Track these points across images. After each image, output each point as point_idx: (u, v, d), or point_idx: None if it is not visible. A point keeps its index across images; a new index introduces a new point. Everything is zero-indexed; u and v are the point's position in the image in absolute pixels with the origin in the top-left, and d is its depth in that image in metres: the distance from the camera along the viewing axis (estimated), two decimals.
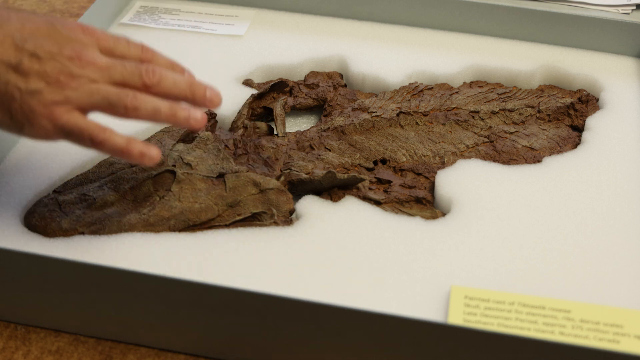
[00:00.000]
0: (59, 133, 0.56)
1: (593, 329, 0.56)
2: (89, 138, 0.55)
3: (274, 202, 0.66)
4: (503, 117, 0.77)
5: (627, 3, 0.91)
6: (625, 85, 0.82)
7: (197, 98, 0.60)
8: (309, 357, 0.57)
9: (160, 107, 0.57)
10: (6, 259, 0.58)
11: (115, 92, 0.56)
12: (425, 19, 0.89)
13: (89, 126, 0.55)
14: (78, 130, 0.55)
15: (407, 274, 0.62)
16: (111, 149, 0.57)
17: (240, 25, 0.90)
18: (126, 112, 0.56)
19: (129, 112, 0.57)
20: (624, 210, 0.68)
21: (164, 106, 0.57)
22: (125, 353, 0.59)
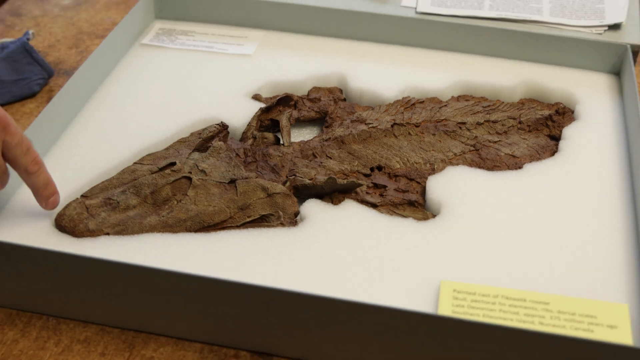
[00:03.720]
0: None
1: (569, 319, 0.56)
2: None
3: (280, 205, 0.67)
4: (487, 127, 0.78)
5: (600, 24, 0.91)
6: (598, 99, 0.82)
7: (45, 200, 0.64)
8: (311, 345, 0.57)
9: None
10: (39, 258, 0.58)
11: None
12: (417, 39, 0.90)
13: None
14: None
15: (401, 270, 0.62)
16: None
17: (249, 45, 0.90)
18: None
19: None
20: (598, 211, 0.68)
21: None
22: (146, 342, 0.60)
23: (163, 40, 0.90)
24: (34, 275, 0.59)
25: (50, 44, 0.96)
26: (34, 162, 0.61)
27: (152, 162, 0.70)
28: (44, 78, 0.88)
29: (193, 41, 0.90)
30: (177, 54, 0.88)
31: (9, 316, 0.61)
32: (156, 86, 0.82)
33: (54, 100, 0.73)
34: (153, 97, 0.80)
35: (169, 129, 0.76)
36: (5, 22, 1.00)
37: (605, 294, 0.60)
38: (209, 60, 0.87)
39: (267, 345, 0.58)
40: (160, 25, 0.93)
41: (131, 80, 0.83)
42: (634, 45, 0.88)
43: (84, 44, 0.96)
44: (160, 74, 0.85)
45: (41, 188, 0.62)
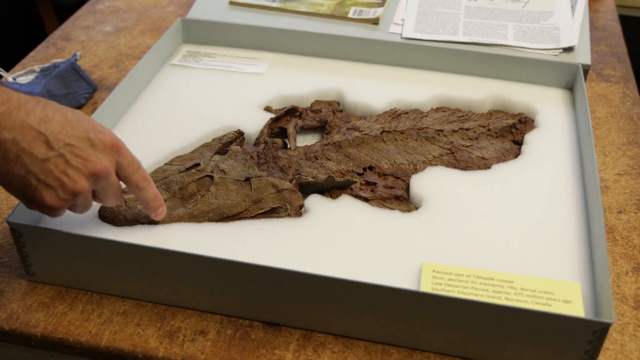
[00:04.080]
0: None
1: (531, 295, 0.56)
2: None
3: (287, 199, 0.66)
4: (461, 134, 0.77)
5: (556, 47, 0.91)
6: (555, 110, 0.82)
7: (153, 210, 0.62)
8: (313, 317, 0.57)
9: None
10: (85, 243, 0.58)
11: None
12: (402, 60, 0.89)
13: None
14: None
15: (389, 253, 0.62)
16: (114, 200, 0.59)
17: (261, 65, 0.90)
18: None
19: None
20: (554, 204, 0.68)
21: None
22: (175, 314, 0.59)
23: (189, 61, 0.90)
24: (82, 258, 0.59)
25: (94, 63, 0.96)
26: (143, 179, 0.58)
27: (180, 163, 0.70)
28: (89, 92, 0.88)
29: (214, 62, 0.90)
30: (201, 73, 0.88)
31: (59, 292, 0.61)
32: (183, 100, 0.82)
33: (98, 111, 0.73)
34: (181, 109, 0.80)
35: (194, 135, 0.76)
36: (57, 46, 1.00)
37: (561, 274, 0.60)
38: (227, 77, 0.87)
39: (276, 317, 0.58)
40: (187, 49, 0.93)
41: (162, 95, 0.83)
42: (584, 64, 0.88)
43: (123, 64, 0.96)
44: (187, 89, 0.85)
45: (150, 201, 0.60)
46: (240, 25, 0.92)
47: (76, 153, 0.53)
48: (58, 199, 0.53)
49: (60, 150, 0.52)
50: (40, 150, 0.51)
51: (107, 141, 0.55)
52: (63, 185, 0.53)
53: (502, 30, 0.95)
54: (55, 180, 0.52)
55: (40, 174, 0.52)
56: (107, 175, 0.54)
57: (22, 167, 0.51)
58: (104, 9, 1.10)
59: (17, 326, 0.58)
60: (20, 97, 0.51)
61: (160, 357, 0.56)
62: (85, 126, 0.54)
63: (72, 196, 0.53)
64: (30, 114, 0.51)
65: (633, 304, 0.61)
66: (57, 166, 0.52)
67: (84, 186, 0.53)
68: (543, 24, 0.96)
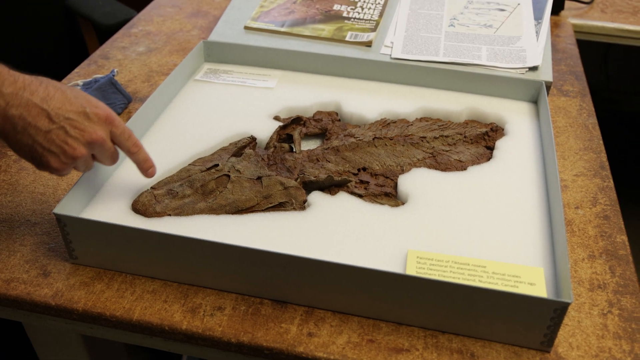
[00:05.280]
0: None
1: (501, 278, 0.56)
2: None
3: (293, 195, 0.66)
4: (441, 140, 0.77)
5: (523, 67, 0.90)
6: (522, 120, 0.81)
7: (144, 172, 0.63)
8: (315, 296, 0.57)
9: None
10: (120, 232, 0.58)
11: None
12: (392, 77, 0.89)
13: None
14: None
15: (379, 241, 0.61)
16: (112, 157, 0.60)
17: (271, 81, 0.89)
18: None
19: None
20: (520, 200, 0.67)
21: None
22: (196, 292, 0.59)
23: (210, 77, 0.90)
24: (117, 244, 0.59)
25: (129, 79, 0.95)
26: (134, 145, 0.60)
27: (201, 164, 0.70)
28: (125, 103, 0.88)
29: (231, 78, 0.90)
30: (220, 87, 0.87)
31: (97, 274, 0.61)
32: (205, 110, 0.82)
33: (132, 119, 0.72)
34: (202, 118, 0.80)
35: (214, 140, 0.75)
36: (97, 63, 0.99)
37: (526, 261, 0.59)
38: (242, 91, 0.87)
39: (283, 295, 0.58)
40: (208, 66, 0.92)
41: (187, 106, 0.83)
42: (547, 81, 0.87)
43: (153, 79, 0.95)
44: (207, 101, 0.84)
45: (141, 162, 0.62)
46: (254, 46, 0.91)
47: (74, 125, 0.55)
48: (61, 162, 0.55)
49: (61, 123, 0.54)
50: (44, 123, 0.53)
51: (101, 114, 0.56)
52: (64, 152, 0.55)
53: (476, 52, 0.94)
54: (57, 147, 0.54)
55: (44, 143, 0.54)
56: (102, 142, 0.56)
57: (29, 138, 0.53)
58: (137, 32, 1.10)
59: (61, 302, 0.58)
60: (25, 79, 0.53)
61: (184, 329, 0.56)
62: (82, 102, 0.56)
63: (73, 160, 0.56)
64: (34, 93, 0.53)
65: (588, 287, 0.60)
66: (58, 136, 0.54)
67: (82, 152, 0.56)
68: (512, 46, 0.95)
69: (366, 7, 1.06)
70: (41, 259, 0.62)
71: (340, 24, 1.02)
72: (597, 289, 0.60)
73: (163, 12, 1.17)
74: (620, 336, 0.55)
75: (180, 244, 0.57)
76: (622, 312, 0.58)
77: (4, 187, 0.72)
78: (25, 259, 0.62)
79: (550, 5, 1.05)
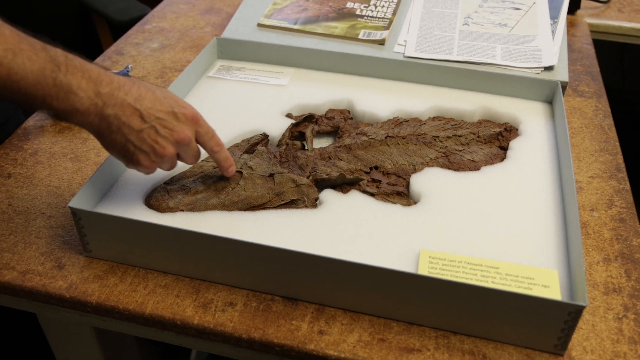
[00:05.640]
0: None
1: (514, 280, 0.56)
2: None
3: (305, 192, 0.66)
4: (454, 140, 0.77)
5: (538, 66, 0.90)
6: (536, 120, 0.80)
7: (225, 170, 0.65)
8: (325, 293, 0.57)
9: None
10: (134, 226, 0.58)
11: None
12: (404, 76, 0.89)
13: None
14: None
15: (391, 241, 0.61)
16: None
17: (284, 78, 0.89)
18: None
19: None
20: (534, 201, 0.67)
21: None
22: (208, 288, 0.59)
23: (223, 74, 0.90)
24: (130, 238, 0.59)
25: (143, 74, 0.96)
26: (216, 144, 0.62)
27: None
28: None
29: (244, 75, 0.90)
30: (233, 84, 0.88)
31: (111, 267, 0.61)
32: (218, 107, 0.82)
33: None
34: (215, 114, 0.80)
35: (227, 137, 0.75)
36: (112, 59, 1.00)
37: (541, 263, 0.59)
38: (255, 88, 0.87)
39: (294, 293, 0.58)
40: (221, 63, 0.93)
41: (200, 102, 0.83)
42: (562, 81, 0.87)
43: (167, 75, 0.96)
44: (220, 98, 0.84)
45: (222, 161, 0.63)
46: (267, 44, 0.91)
47: (164, 125, 0.57)
48: (150, 161, 0.57)
49: (152, 122, 0.56)
50: (137, 123, 0.55)
51: (188, 114, 0.58)
52: (154, 150, 0.57)
53: (491, 51, 0.94)
54: (148, 146, 0.56)
55: (136, 142, 0.56)
56: (189, 142, 0.58)
57: (122, 136, 0.56)
58: (151, 28, 1.10)
59: (75, 294, 0.58)
60: (120, 79, 0.55)
61: (196, 324, 0.56)
62: (171, 102, 0.58)
63: (161, 159, 0.58)
64: (128, 93, 0.55)
65: (603, 290, 0.60)
66: (149, 135, 0.56)
67: (170, 151, 0.58)
68: (527, 46, 0.95)
69: (379, 5, 1.06)
70: (56, 251, 0.63)
71: (353, 21, 1.02)
72: (612, 293, 0.59)
73: (176, 8, 1.18)
74: (635, 341, 0.55)
75: (192, 240, 0.57)
76: (638, 316, 0.57)
77: (20, 180, 0.72)
78: (41, 251, 0.63)
79: (566, 4, 1.04)
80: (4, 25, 0.50)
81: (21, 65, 0.50)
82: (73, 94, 0.52)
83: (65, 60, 0.52)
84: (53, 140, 0.80)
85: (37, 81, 0.51)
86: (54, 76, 0.51)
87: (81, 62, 0.54)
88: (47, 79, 0.51)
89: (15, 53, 0.49)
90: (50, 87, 0.51)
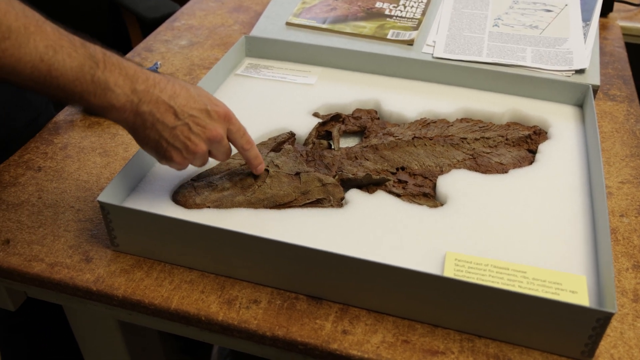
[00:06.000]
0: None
1: (541, 285, 0.55)
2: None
3: (331, 192, 0.66)
4: (482, 142, 0.76)
5: (569, 69, 0.89)
6: (566, 124, 0.79)
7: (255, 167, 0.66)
8: (350, 294, 0.57)
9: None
10: (161, 222, 0.59)
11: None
12: (433, 77, 0.88)
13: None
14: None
15: (417, 242, 0.61)
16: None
17: (311, 77, 0.89)
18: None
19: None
20: (563, 205, 0.66)
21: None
22: (233, 284, 0.60)
23: (251, 72, 0.90)
24: (157, 233, 0.60)
25: (171, 71, 0.97)
26: (247, 142, 0.63)
27: (241, 158, 0.70)
28: None
29: (272, 73, 0.90)
30: (260, 82, 0.88)
31: (137, 261, 0.62)
32: (245, 104, 0.83)
33: None
34: (242, 112, 0.80)
35: (254, 135, 0.76)
36: (141, 56, 1.01)
37: (569, 268, 0.58)
38: (283, 87, 0.87)
39: (318, 292, 0.58)
40: (249, 61, 0.93)
41: (227, 100, 0.83)
42: (594, 85, 0.85)
43: (195, 73, 0.96)
44: (248, 96, 0.85)
45: (252, 159, 0.64)
46: (295, 42, 0.92)
47: (197, 122, 0.57)
48: (182, 157, 0.58)
49: (185, 120, 0.57)
50: (170, 120, 0.56)
51: (221, 112, 0.59)
52: (187, 147, 0.58)
53: (521, 53, 0.93)
54: (181, 143, 0.57)
55: (170, 139, 0.57)
56: (221, 139, 0.59)
57: (156, 133, 0.56)
58: (180, 26, 1.11)
59: (102, 288, 0.59)
60: (155, 77, 0.56)
61: (220, 320, 0.56)
62: (204, 100, 0.58)
63: (193, 155, 0.59)
64: (163, 90, 0.56)
65: (632, 297, 0.59)
66: (182, 132, 0.57)
67: (202, 148, 0.58)
68: (558, 48, 0.93)
69: (409, 6, 1.06)
70: (84, 244, 0.64)
71: (382, 21, 1.02)
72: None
73: (205, 6, 1.19)
74: None
75: (218, 236, 0.57)
76: None
77: (50, 173, 0.74)
78: (69, 244, 0.64)
79: (599, 6, 1.03)
80: (46, 22, 0.51)
81: (61, 61, 0.50)
82: (110, 91, 0.53)
83: (103, 58, 0.53)
84: (82, 135, 0.81)
85: (75, 77, 0.52)
86: (92, 73, 0.52)
87: (118, 59, 0.55)
88: (85, 75, 0.52)
89: (56, 50, 0.50)
90: (89, 84, 0.52)
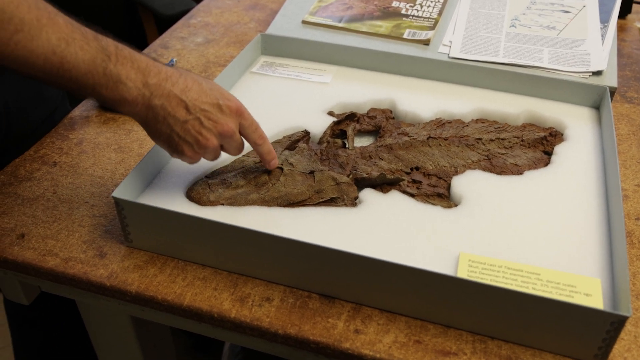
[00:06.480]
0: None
1: (555, 287, 0.55)
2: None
3: (345, 191, 0.66)
4: (498, 143, 0.76)
5: (586, 71, 0.88)
6: (582, 126, 0.79)
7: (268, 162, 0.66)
8: (363, 293, 0.57)
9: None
10: (175, 218, 0.59)
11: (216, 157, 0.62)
12: (449, 77, 0.88)
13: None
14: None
15: (431, 242, 0.61)
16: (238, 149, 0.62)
17: (327, 76, 0.90)
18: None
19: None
20: (579, 208, 0.65)
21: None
22: (245, 282, 0.60)
23: (266, 70, 0.91)
24: (171, 230, 0.60)
25: (187, 68, 0.97)
26: (260, 137, 0.63)
27: (255, 156, 0.71)
28: None
29: (287, 71, 0.91)
30: (276, 80, 0.88)
31: (151, 258, 0.63)
32: (260, 102, 0.83)
33: None
34: (257, 110, 0.81)
35: (268, 133, 0.76)
36: (157, 52, 1.02)
37: (583, 271, 0.58)
38: (298, 85, 0.87)
39: (331, 290, 0.58)
40: (264, 59, 0.94)
41: (242, 98, 0.84)
42: (611, 87, 0.85)
43: (210, 70, 0.97)
44: (263, 94, 0.85)
45: (265, 154, 0.64)
46: (310, 41, 0.92)
47: (209, 117, 0.57)
48: (194, 151, 0.59)
49: (197, 114, 0.57)
50: (182, 114, 0.56)
51: (233, 107, 0.59)
52: (198, 142, 0.58)
53: (538, 54, 0.92)
54: (192, 137, 0.57)
55: (181, 133, 0.57)
56: (232, 134, 0.59)
57: (168, 127, 0.57)
58: (196, 23, 1.12)
59: (116, 283, 0.60)
60: (167, 70, 0.57)
61: (232, 317, 0.57)
62: (216, 94, 0.58)
63: (204, 150, 0.59)
64: (175, 84, 0.56)
65: None
66: (194, 127, 0.57)
67: (214, 143, 0.59)
68: (575, 49, 0.93)
69: (425, 5, 1.06)
70: (98, 240, 0.64)
71: (398, 21, 1.02)
72: None
73: (221, 4, 1.19)
74: None
75: (231, 234, 0.58)
76: None
77: (65, 169, 0.75)
78: (83, 239, 0.64)
79: (617, 8, 1.02)
80: (58, 14, 0.51)
81: (73, 54, 0.51)
82: (122, 84, 0.54)
83: (115, 50, 0.54)
84: (98, 131, 0.82)
85: (87, 70, 0.52)
86: (104, 66, 0.53)
87: (131, 53, 0.55)
88: (97, 68, 0.52)
89: (69, 42, 0.51)
90: (100, 77, 0.53)
